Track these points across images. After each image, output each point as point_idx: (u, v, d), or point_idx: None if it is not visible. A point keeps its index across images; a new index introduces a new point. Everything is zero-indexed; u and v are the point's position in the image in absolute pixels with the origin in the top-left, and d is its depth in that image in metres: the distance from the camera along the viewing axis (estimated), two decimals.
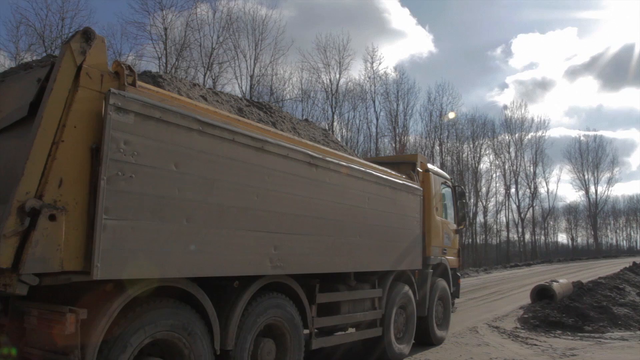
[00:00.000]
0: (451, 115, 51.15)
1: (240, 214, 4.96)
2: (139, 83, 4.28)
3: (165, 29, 30.65)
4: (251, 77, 35.20)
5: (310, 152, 5.97)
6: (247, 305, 5.26)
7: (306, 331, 6.22)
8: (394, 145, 44.81)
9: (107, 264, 3.79)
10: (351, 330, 7.69)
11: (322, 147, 6.72)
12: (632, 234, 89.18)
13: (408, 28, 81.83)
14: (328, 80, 40.37)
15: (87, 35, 3.97)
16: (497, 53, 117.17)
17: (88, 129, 3.88)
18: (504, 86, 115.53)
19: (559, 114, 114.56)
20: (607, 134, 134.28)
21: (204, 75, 32.40)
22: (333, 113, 40.57)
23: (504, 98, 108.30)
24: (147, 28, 30.55)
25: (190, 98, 5.66)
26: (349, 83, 42.44)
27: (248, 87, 34.89)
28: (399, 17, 78.43)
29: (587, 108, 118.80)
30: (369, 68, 43.76)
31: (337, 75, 40.73)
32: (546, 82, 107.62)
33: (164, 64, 30.33)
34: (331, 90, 40.26)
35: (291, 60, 45.84)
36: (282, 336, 5.76)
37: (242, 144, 5.01)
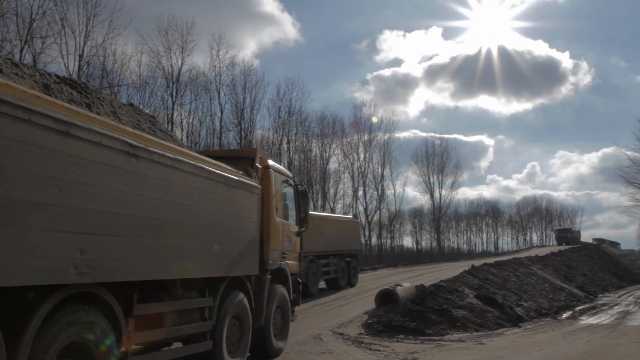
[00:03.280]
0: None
1: (36, 211, 4.43)
2: None
3: None
4: (80, 56, 33.07)
5: (129, 140, 5.56)
6: (44, 321, 4.71)
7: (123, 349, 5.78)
8: (239, 140, 44.84)
9: None
10: (177, 344, 7.35)
11: (146, 135, 6.32)
12: (472, 237, 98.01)
13: (274, 14, 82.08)
14: (169, 66, 39.24)
15: None
16: (362, 47, 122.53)
17: None
18: (364, 82, 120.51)
19: (417, 114, 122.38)
20: (460, 137, 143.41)
21: (21, 51, 29.84)
22: (174, 103, 39.60)
23: (365, 94, 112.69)
24: None
25: None
26: (193, 71, 41.61)
27: (76, 68, 32.74)
28: (265, 0, 78.45)
29: (444, 110, 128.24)
30: (215, 56, 43.31)
31: (179, 62, 39.75)
32: (407, 81, 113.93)
33: None
34: (172, 77, 39.17)
35: (131, 41, 43.87)
36: (89, 356, 5.28)
37: (42, 125, 4.48)
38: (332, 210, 56.20)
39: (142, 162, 5.76)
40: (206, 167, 7.16)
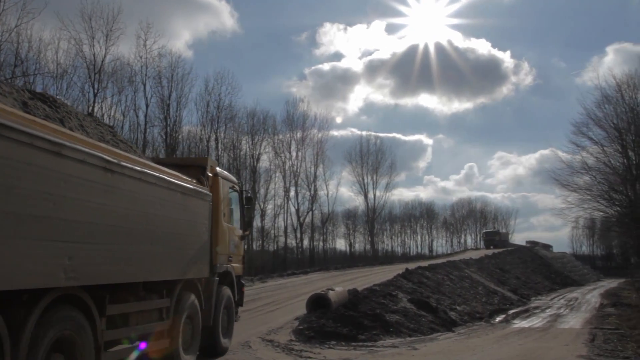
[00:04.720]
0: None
1: (36, 223, 5.42)
2: None
3: None
4: None
5: (106, 157, 6.62)
6: (39, 319, 5.70)
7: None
8: (164, 137, 44.96)
9: None
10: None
11: (117, 150, 7.38)
12: (406, 240, 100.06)
13: (211, 2, 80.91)
14: (92, 55, 39.03)
15: None
16: (302, 39, 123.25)
17: None
18: (302, 77, 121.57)
19: (356, 112, 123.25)
20: (399, 136, 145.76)
21: None
22: (95, 95, 39.36)
23: (302, 89, 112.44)
24: None
25: None
26: (117, 61, 41.43)
27: None
28: None
29: (384, 107, 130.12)
30: (142, 46, 43.30)
31: (103, 51, 39.56)
32: (347, 76, 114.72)
33: None
34: (94, 67, 39.00)
35: (50, 26, 42.83)
36: (73, 351, 6.29)
37: (40, 148, 5.46)
38: (263, 212, 56.38)
39: (116, 176, 6.84)
40: (166, 178, 8.27)
